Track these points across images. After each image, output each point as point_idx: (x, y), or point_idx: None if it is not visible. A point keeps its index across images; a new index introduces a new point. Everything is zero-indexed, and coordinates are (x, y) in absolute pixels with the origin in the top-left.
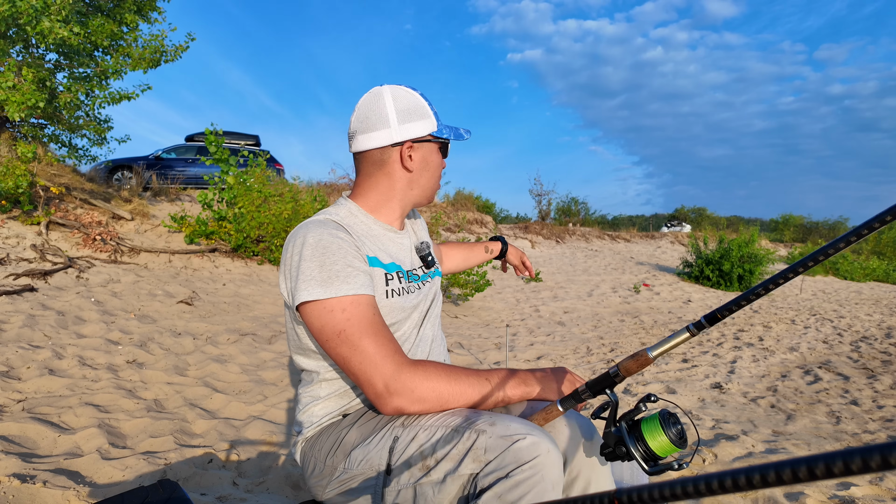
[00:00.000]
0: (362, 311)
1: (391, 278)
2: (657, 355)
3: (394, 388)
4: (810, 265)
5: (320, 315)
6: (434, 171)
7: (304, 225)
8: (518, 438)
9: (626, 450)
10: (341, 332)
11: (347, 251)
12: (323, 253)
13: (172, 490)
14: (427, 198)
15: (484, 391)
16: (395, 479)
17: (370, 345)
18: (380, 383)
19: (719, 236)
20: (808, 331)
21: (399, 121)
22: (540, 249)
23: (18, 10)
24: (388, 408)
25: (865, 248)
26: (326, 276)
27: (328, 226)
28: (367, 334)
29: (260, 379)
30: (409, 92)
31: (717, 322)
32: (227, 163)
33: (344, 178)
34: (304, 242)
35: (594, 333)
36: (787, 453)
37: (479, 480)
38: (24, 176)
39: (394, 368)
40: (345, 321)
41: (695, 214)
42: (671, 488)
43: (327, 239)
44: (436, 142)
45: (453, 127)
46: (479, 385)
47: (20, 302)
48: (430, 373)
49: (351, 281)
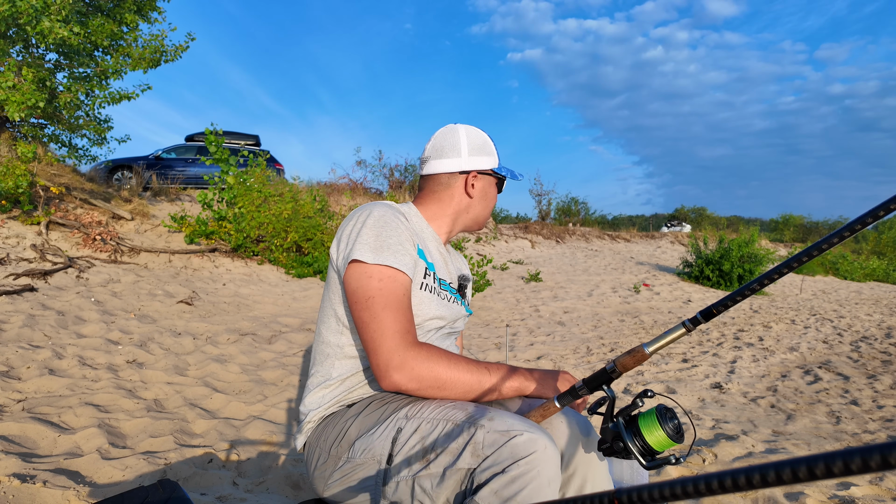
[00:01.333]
0: (394, 287)
1: (428, 275)
2: (653, 351)
3: (395, 363)
4: (805, 260)
5: (360, 277)
6: (489, 202)
7: (371, 203)
8: (515, 434)
9: (623, 445)
10: (370, 298)
11: (404, 232)
12: (383, 226)
13: (172, 490)
14: (478, 224)
15: (482, 381)
16: (394, 471)
17: (388, 317)
18: (384, 354)
19: (719, 236)
20: (808, 331)
21: (469, 153)
22: (540, 249)
23: (18, 10)
24: (386, 381)
25: (865, 248)
26: (379, 245)
27: (393, 207)
28: (389, 307)
29: (260, 379)
30: (479, 132)
31: (712, 317)
32: (227, 163)
33: (344, 178)
34: (369, 214)
35: (594, 333)
36: (787, 453)
37: (476, 476)
38: (24, 176)
39: (401, 344)
40: (377, 289)
41: (695, 214)
42: (671, 488)
43: (390, 216)
44: (495, 176)
45: (510, 168)
46: (477, 374)
47: (20, 302)
48: (432, 355)
49: (399, 256)
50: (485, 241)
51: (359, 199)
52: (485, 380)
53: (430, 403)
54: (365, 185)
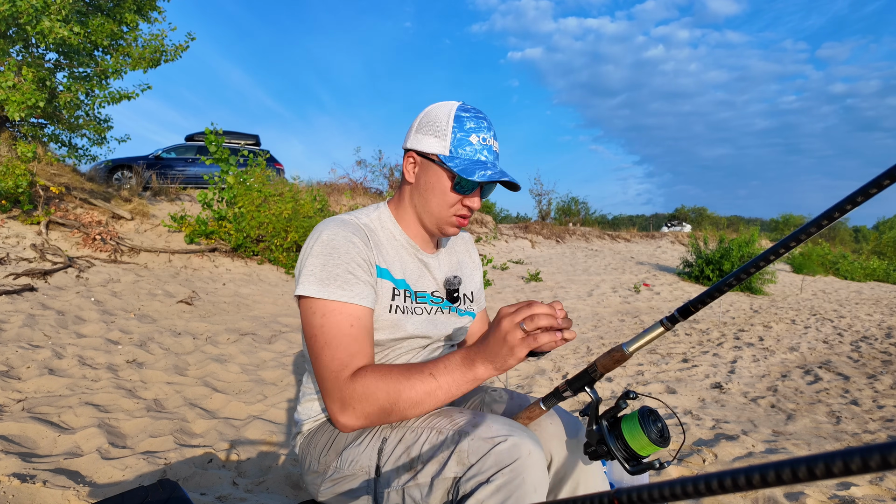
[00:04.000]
0: (337, 321)
1: (398, 294)
2: (633, 350)
3: (336, 406)
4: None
5: (305, 313)
6: (439, 198)
7: (326, 221)
8: (500, 441)
9: (606, 449)
10: (312, 337)
11: (355, 257)
12: (330, 253)
13: (172, 490)
14: (433, 223)
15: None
16: (384, 482)
17: (326, 356)
18: (327, 398)
19: (719, 236)
20: (808, 331)
21: (417, 129)
22: (540, 249)
23: (18, 10)
24: (341, 428)
25: (866, 248)
26: (325, 277)
27: (348, 227)
28: (328, 345)
29: (260, 379)
30: (446, 109)
31: (690, 315)
32: (227, 162)
33: (344, 178)
34: (317, 239)
35: (594, 333)
36: (787, 453)
37: (462, 485)
38: (24, 175)
39: (335, 384)
40: (318, 327)
41: (695, 214)
42: (671, 488)
43: (339, 239)
44: (443, 168)
45: (478, 161)
46: (422, 385)
47: (20, 301)
48: (367, 386)
49: (346, 287)
50: (485, 240)
51: (359, 199)
52: (432, 387)
53: None
54: (365, 184)
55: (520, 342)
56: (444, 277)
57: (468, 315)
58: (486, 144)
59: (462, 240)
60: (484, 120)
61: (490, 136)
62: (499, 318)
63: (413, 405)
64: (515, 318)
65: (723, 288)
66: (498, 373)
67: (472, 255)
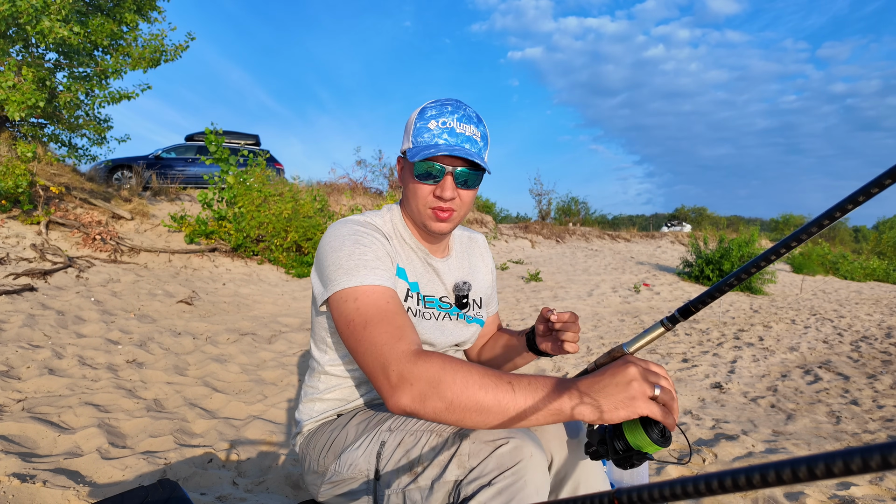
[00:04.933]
0: (374, 299)
1: (411, 296)
2: (633, 351)
3: (395, 381)
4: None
5: (339, 306)
6: (413, 194)
7: (342, 221)
8: (501, 443)
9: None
10: (350, 323)
11: (379, 248)
12: (355, 243)
13: (172, 490)
14: (419, 221)
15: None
16: (384, 485)
17: (373, 333)
18: (380, 376)
19: (719, 236)
20: (808, 331)
21: (405, 131)
22: (540, 249)
23: (18, 10)
24: (393, 406)
25: (866, 248)
26: (353, 265)
27: (367, 226)
28: (371, 322)
29: (260, 378)
30: (425, 106)
31: (690, 315)
32: (227, 162)
33: (344, 178)
34: (336, 234)
35: (594, 333)
36: (787, 453)
37: (463, 488)
38: (24, 175)
39: (393, 357)
40: (354, 310)
41: (695, 214)
42: (671, 488)
43: (361, 234)
44: (409, 162)
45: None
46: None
47: (20, 301)
48: (434, 370)
49: (376, 272)
50: None
51: (359, 199)
52: (507, 400)
53: None
54: (365, 184)
55: (643, 397)
56: (453, 283)
57: (476, 322)
58: (446, 128)
59: (476, 244)
60: (449, 106)
61: (453, 119)
62: (625, 361)
63: (479, 411)
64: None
65: (723, 288)
66: (595, 420)
67: (485, 259)
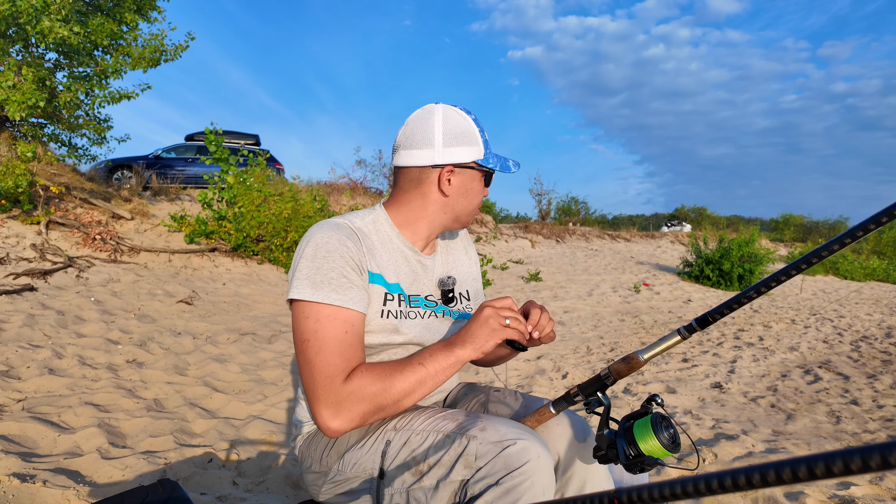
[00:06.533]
0: (332, 326)
1: (391, 299)
2: (648, 358)
3: (329, 412)
4: (803, 267)
5: (298, 316)
6: (473, 199)
7: (320, 224)
8: (508, 444)
9: (616, 453)
10: (305, 342)
11: (349, 260)
12: (324, 256)
13: (172, 490)
14: (461, 223)
15: (422, 379)
16: (388, 484)
17: (320, 362)
18: (316, 405)
19: (719, 236)
20: (808, 330)
21: (444, 143)
22: (540, 249)
23: (18, 10)
24: (328, 432)
25: (865, 248)
26: (319, 280)
27: (341, 230)
28: (323, 351)
29: (260, 378)
30: (461, 115)
31: (708, 325)
32: (227, 162)
33: (344, 178)
34: (308, 241)
35: (594, 333)
36: (787, 453)
37: (470, 487)
38: (24, 175)
39: (329, 389)
40: (312, 332)
41: (695, 214)
42: (671, 488)
43: (333, 242)
44: (479, 170)
45: (502, 157)
46: (413, 375)
47: (20, 301)
48: (363, 385)
49: (341, 291)
50: (485, 240)
51: (358, 199)
52: (423, 375)
53: (420, 414)
54: (365, 184)
55: (500, 327)
56: (437, 278)
57: (464, 317)
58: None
59: (459, 237)
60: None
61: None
62: (481, 307)
63: (406, 394)
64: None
65: (742, 300)
66: (476, 354)
67: (468, 251)
